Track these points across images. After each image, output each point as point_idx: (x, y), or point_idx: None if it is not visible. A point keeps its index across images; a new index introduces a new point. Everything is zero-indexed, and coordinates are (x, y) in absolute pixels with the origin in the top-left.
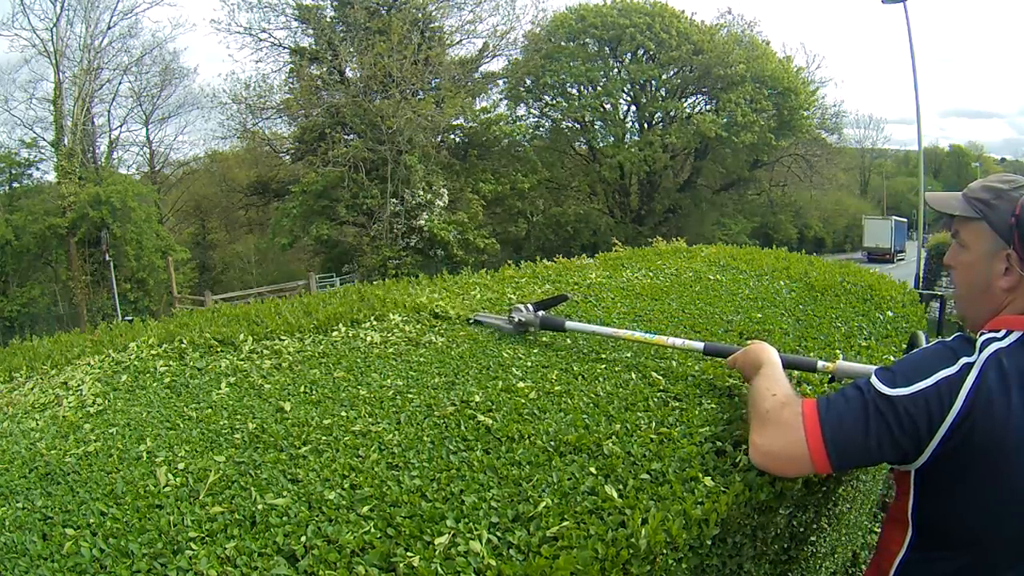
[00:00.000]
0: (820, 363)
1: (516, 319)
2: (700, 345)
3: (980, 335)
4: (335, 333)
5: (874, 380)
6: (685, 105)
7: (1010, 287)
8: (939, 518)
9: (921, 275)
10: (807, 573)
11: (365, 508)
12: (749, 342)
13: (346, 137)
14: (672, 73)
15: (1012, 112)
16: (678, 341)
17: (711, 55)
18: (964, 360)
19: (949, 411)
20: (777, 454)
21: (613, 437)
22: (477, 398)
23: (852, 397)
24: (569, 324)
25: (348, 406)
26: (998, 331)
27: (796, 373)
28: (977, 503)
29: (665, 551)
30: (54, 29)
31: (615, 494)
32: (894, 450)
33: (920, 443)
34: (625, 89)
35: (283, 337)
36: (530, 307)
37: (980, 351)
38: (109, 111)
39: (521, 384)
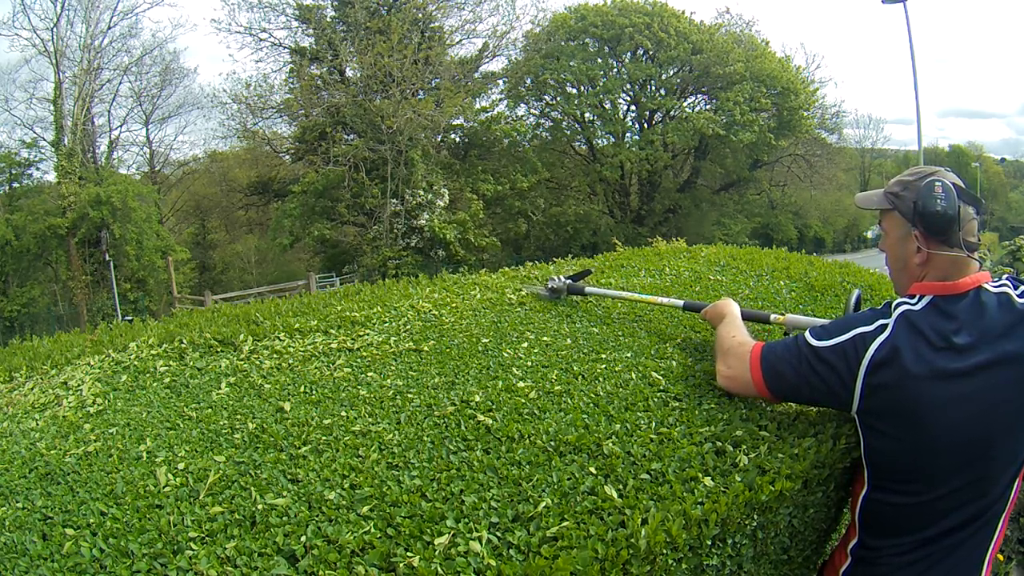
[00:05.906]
0: (772, 316)
1: (551, 286)
2: (680, 302)
3: (896, 301)
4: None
5: (807, 334)
6: (685, 104)
7: (922, 262)
8: (884, 455)
9: None
10: (807, 573)
11: (365, 508)
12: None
13: (346, 137)
14: (672, 72)
15: (1011, 112)
16: (664, 299)
17: (710, 54)
18: (880, 321)
19: (863, 358)
20: (732, 377)
21: (613, 437)
22: (477, 398)
23: (788, 344)
24: (588, 289)
25: (348, 406)
26: (913, 297)
27: (757, 326)
28: (905, 439)
29: (665, 551)
30: (54, 29)
31: (615, 494)
32: (823, 390)
33: (845, 386)
34: (625, 88)
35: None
36: (562, 278)
37: (894, 312)
38: (109, 111)
39: (521, 384)
